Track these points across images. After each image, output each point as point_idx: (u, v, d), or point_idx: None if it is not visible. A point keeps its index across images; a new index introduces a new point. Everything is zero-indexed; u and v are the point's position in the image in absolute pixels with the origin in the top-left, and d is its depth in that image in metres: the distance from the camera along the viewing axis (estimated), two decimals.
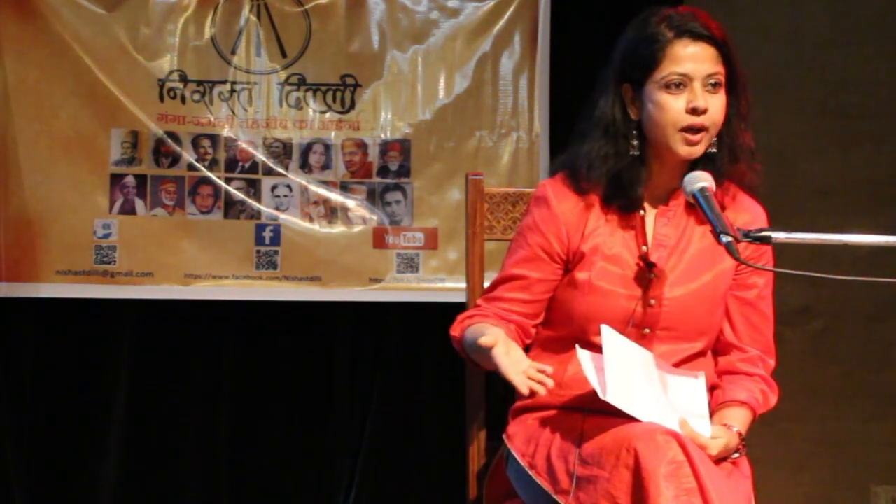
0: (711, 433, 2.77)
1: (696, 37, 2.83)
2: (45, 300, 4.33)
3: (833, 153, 4.71)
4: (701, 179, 2.82)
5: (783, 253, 2.85)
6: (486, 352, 2.74)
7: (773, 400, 2.97)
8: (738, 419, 2.87)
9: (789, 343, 4.62)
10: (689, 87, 2.82)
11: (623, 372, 2.75)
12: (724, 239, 2.69)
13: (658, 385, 2.81)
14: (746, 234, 2.73)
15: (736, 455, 2.82)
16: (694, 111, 2.82)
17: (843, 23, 4.71)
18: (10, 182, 4.32)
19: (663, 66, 2.82)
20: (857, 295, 4.64)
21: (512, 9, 4.49)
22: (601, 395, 2.71)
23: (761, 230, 2.74)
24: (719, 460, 2.78)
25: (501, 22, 4.49)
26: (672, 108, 2.82)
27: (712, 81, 2.84)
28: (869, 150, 4.72)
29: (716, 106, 2.84)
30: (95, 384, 4.40)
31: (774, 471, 4.60)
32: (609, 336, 2.79)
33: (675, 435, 2.66)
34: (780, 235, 2.73)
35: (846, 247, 2.79)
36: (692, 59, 2.83)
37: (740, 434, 2.84)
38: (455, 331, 2.99)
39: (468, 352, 2.95)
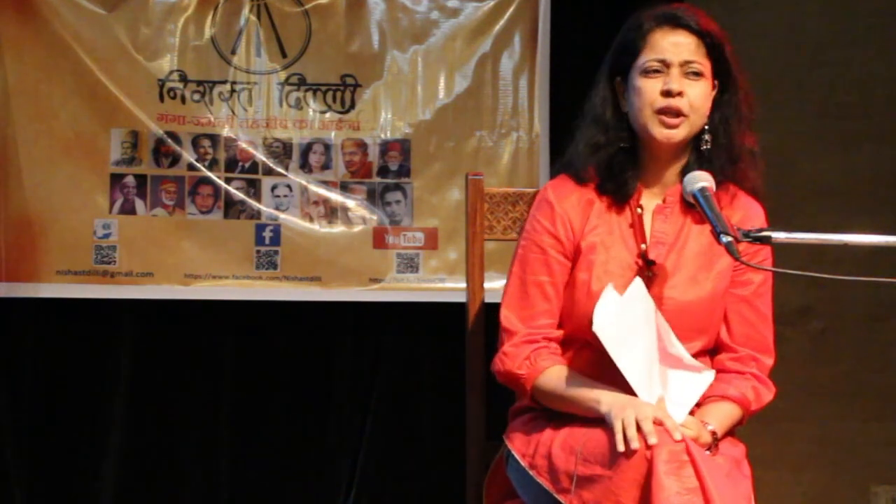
0: (682, 423, 2.75)
1: (676, 25, 2.88)
2: (45, 300, 4.33)
3: (833, 153, 4.71)
4: (701, 179, 2.83)
5: (783, 253, 2.85)
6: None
7: (768, 397, 2.95)
8: (718, 416, 2.85)
9: (789, 343, 4.62)
10: (666, 73, 2.85)
11: (631, 322, 2.75)
12: (724, 239, 2.69)
13: (662, 356, 2.80)
14: (746, 234, 2.73)
15: (707, 452, 2.80)
16: (668, 94, 2.84)
17: (843, 23, 4.71)
18: (10, 182, 4.32)
19: (644, 53, 2.88)
20: (858, 295, 4.64)
21: (512, 9, 4.49)
22: (593, 326, 2.71)
23: (761, 230, 2.75)
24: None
25: (501, 22, 4.49)
26: (647, 90, 2.85)
27: (692, 70, 2.86)
28: (869, 150, 4.72)
29: (694, 93, 2.86)
30: (95, 384, 4.40)
31: (774, 471, 4.60)
32: (637, 290, 2.79)
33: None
34: (780, 235, 2.73)
35: (846, 247, 2.79)
36: (670, 45, 2.87)
37: (714, 433, 2.82)
38: (521, 368, 2.89)
39: (554, 393, 2.88)
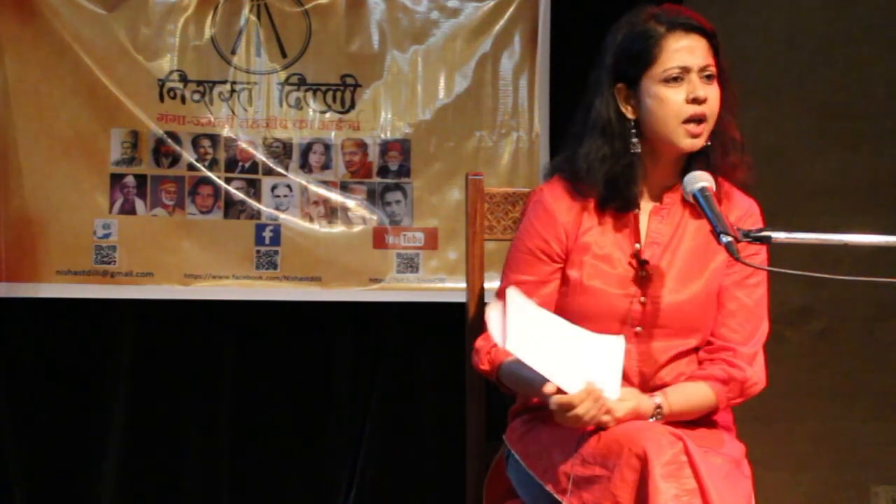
0: (619, 396, 2.76)
1: (688, 29, 2.87)
2: (45, 300, 4.33)
3: (833, 153, 4.71)
4: (701, 179, 2.83)
5: (783, 253, 2.85)
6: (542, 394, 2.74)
7: (740, 375, 2.89)
8: (674, 392, 2.85)
9: (789, 343, 4.62)
10: (686, 79, 2.85)
11: (529, 326, 2.75)
12: (724, 239, 2.70)
13: (570, 345, 2.79)
14: (746, 234, 2.73)
15: (652, 419, 2.80)
16: (695, 101, 2.84)
17: (843, 23, 4.71)
18: (10, 182, 4.32)
19: (661, 61, 2.85)
20: (858, 295, 4.64)
21: (512, 9, 4.49)
22: (501, 343, 2.71)
23: (761, 230, 2.75)
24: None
25: (501, 22, 4.49)
26: (673, 100, 2.85)
27: (707, 73, 2.87)
28: (869, 151, 4.72)
29: (713, 97, 2.87)
30: (95, 384, 4.40)
31: (774, 471, 4.60)
32: (515, 297, 2.78)
33: (677, 436, 2.67)
34: (780, 235, 2.74)
35: (846, 247, 2.79)
36: (687, 51, 2.86)
37: (659, 406, 2.82)
38: (484, 364, 2.96)
39: (511, 385, 2.94)
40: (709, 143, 2.89)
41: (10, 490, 4.35)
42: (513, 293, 2.79)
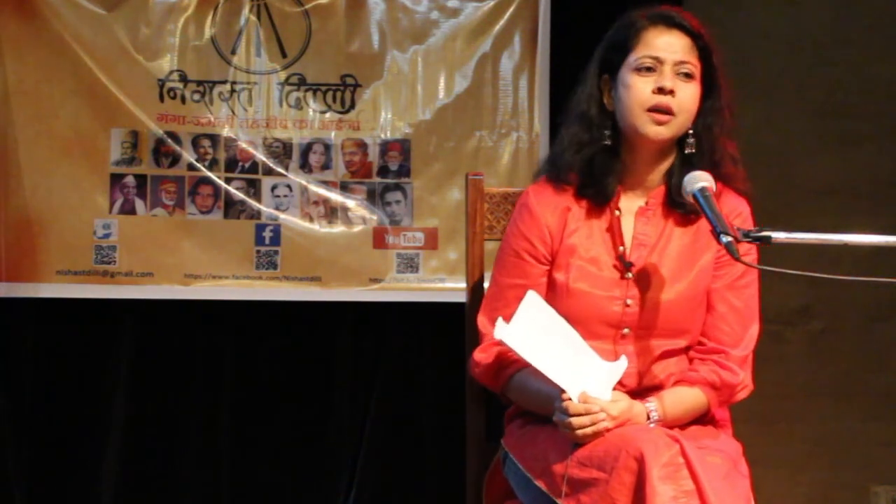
0: (611, 398, 2.76)
1: (671, 24, 2.88)
2: (45, 300, 4.34)
3: (833, 153, 4.71)
4: (701, 179, 2.83)
5: (783, 253, 2.85)
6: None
7: (733, 379, 2.89)
8: (668, 396, 2.85)
9: (789, 343, 4.63)
10: (658, 71, 2.85)
11: (534, 325, 2.76)
12: (724, 239, 2.69)
13: (572, 354, 2.80)
14: (746, 234, 2.73)
15: (651, 424, 2.80)
16: (660, 90, 2.83)
17: (843, 23, 4.71)
18: (10, 182, 4.32)
19: (636, 50, 2.87)
20: (857, 295, 4.64)
21: (512, 9, 4.49)
22: (495, 333, 2.74)
23: (760, 230, 2.75)
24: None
25: (501, 22, 4.49)
26: (640, 88, 2.85)
27: (684, 70, 2.86)
28: (869, 150, 4.72)
29: (686, 93, 2.86)
30: (95, 384, 4.40)
31: (774, 471, 4.60)
32: (533, 298, 2.80)
33: (674, 437, 2.66)
34: (780, 235, 2.73)
35: (846, 247, 2.79)
36: (665, 44, 2.87)
37: (650, 411, 2.81)
38: (489, 378, 2.96)
39: (515, 397, 2.96)
40: (692, 151, 2.88)
41: (11, 490, 4.35)
42: (533, 294, 2.81)
